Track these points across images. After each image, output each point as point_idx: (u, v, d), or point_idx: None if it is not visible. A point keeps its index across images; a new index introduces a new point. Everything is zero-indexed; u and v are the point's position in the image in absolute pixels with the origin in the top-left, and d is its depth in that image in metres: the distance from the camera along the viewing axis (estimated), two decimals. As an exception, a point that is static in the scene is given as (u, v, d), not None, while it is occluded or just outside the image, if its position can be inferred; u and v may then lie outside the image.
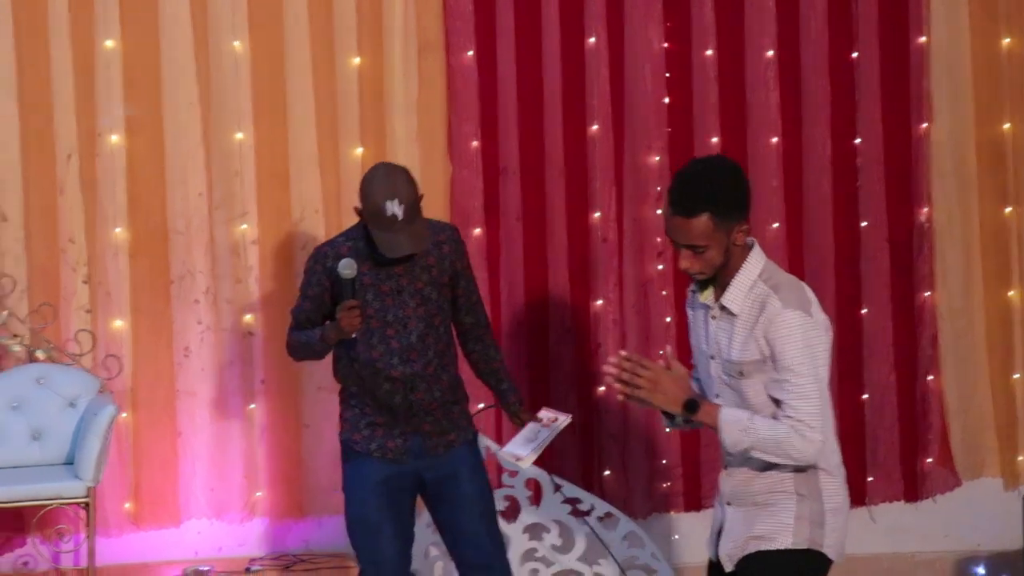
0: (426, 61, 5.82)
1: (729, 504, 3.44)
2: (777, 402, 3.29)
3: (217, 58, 5.70)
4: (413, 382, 4.33)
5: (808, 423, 3.22)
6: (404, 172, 4.31)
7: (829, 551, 3.39)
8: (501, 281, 5.86)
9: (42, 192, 5.64)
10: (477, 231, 5.79)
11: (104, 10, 5.61)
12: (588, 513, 5.19)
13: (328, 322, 4.29)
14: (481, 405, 4.90)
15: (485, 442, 4.91)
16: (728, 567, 3.44)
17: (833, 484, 3.41)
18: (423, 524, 5.03)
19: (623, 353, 3.33)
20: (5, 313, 5.50)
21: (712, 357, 3.42)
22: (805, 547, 3.35)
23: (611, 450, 5.79)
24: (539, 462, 5.20)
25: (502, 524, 5.00)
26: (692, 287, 3.49)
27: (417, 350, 4.32)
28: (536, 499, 5.20)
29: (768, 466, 3.34)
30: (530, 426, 4.48)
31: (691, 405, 3.30)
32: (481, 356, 4.57)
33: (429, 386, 4.36)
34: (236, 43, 5.71)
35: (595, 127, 5.87)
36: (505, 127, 5.84)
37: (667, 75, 5.93)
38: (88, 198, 5.66)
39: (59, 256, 5.65)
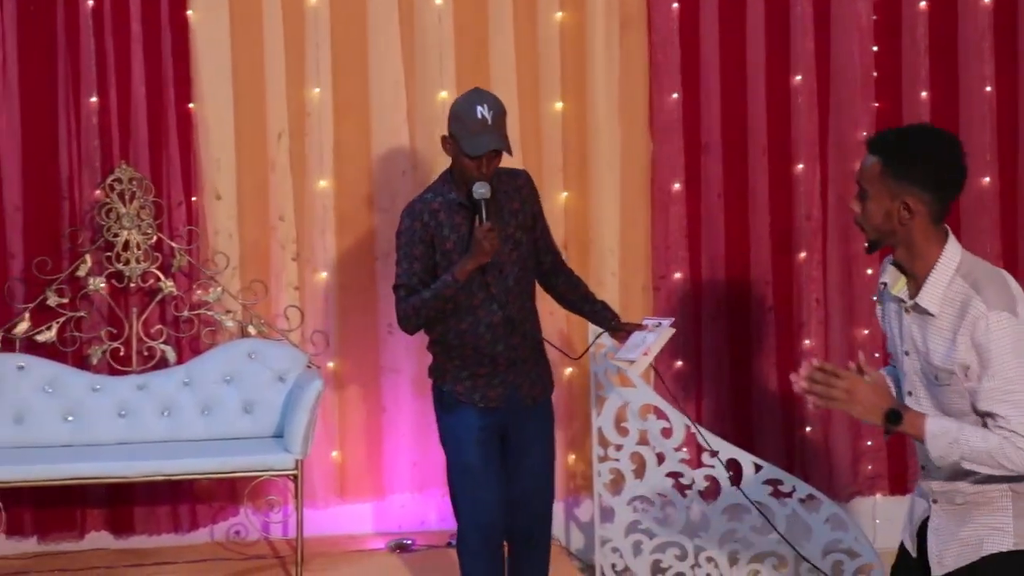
0: (628, 36, 5.81)
1: (935, 502, 3.28)
2: (986, 412, 3.11)
3: (422, 38, 5.77)
4: (512, 326, 4.38)
5: (1021, 432, 3.04)
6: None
7: None
8: (702, 258, 5.84)
9: (254, 171, 5.74)
10: (678, 208, 5.80)
11: None
12: (790, 495, 5.11)
13: (458, 262, 4.28)
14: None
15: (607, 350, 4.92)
16: (937, 570, 3.28)
17: None
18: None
19: (815, 363, 3.14)
20: (219, 289, 5.64)
21: (907, 353, 3.26)
22: None
23: (814, 431, 5.72)
24: (738, 443, 5.29)
25: (701, 505, 5.11)
26: (882, 279, 3.31)
27: (514, 293, 4.36)
28: (736, 480, 5.10)
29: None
30: (635, 334, 4.49)
31: (893, 416, 3.12)
32: (568, 285, 4.59)
33: (524, 331, 4.41)
34: (440, 23, 5.79)
35: (800, 102, 5.82)
36: (707, 103, 5.81)
37: (875, 48, 5.85)
38: (297, 177, 5.77)
39: (270, 234, 5.76)
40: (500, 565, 4.55)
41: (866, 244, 3.20)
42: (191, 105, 5.65)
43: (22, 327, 5.52)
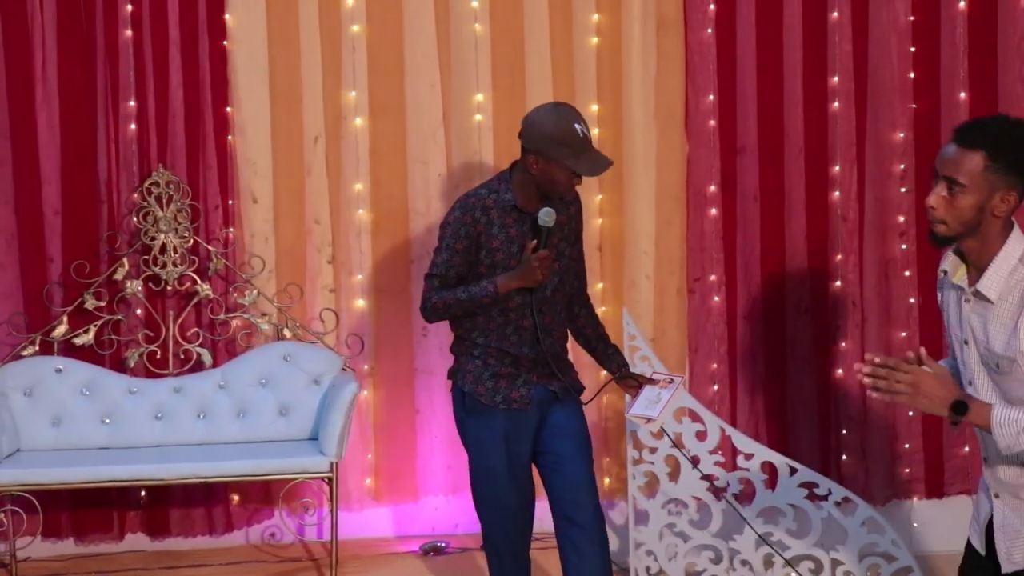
0: (664, 38, 5.80)
1: (997, 496, 3.24)
2: None
3: (458, 40, 5.78)
4: (542, 333, 4.36)
5: None
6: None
7: None
8: (737, 261, 5.82)
9: (290, 175, 5.77)
10: (713, 210, 5.78)
11: None
12: (825, 498, 5.09)
13: (503, 274, 4.25)
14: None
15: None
16: (1007, 568, 3.24)
17: None
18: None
19: (877, 360, 3.10)
20: (255, 292, 5.67)
21: (966, 342, 3.22)
22: None
23: (850, 434, 5.71)
24: (774, 445, 5.32)
25: (739, 508, 5.07)
26: (943, 267, 3.29)
27: (550, 303, 4.35)
28: (771, 483, 5.13)
29: None
30: (648, 389, 4.43)
31: (959, 407, 3.09)
32: (588, 320, 4.55)
33: (554, 339, 4.39)
34: (476, 25, 5.81)
35: (836, 104, 5.79)
36: (743, 105, 5.79)
37: (912, 49, 5.81)
38: (333, 180, 5.79)
39: (305, 237, 5.78)
40: (526, 569, 4.53)
41: (936, 238, 3.17)
42: (228, 109, 5.69)
43: (60, 330, 5.55)
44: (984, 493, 3.28)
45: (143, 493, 5.62)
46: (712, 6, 5.77)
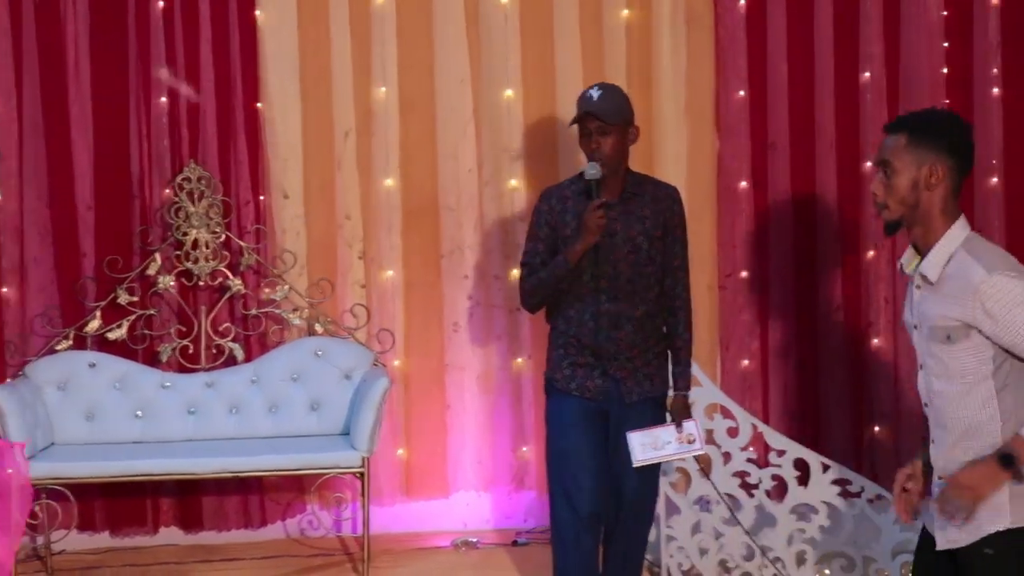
0: (694, 33, 5.82)
1: (940, 479, 3.32)
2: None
3: (488, 35, 5.82)
4: (617, 321, 4.37)
5: None
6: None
7: None
8: (769, 256, 5.82)
9: (321, 169, 5.80)
10: (744, 206, 5.81)
11: None
12: (858, 495, 5.07)
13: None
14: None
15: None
16: (941, 544, 3.33)
17: None
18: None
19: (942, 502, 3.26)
20: (286, 287, 5.70)
21: (916, 327, 3.35)
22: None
23: (882, 430, 5.72)
24: (806, 442, 5.28)
25: (770, 504, 5.09)
26: (900, 261, 3.43)
27: (626, 291, 4.36)
28: (803, 480, 5.10)
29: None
30: (666, 431, 4.44)
31: (1006, 460, 3.17)
32: (669, 326, 4.53)
33: (633, 329, 4.40)
34: (506, 22, 5.82)
35: (868, 98, 5.80)
36: (774, 100, 5.81)
37: (945, 44, 5.81)
38: (364, 175, 5.82)
39: (336, 232, 5.82)
40: (592, 559, 4.51)
41: (886, 225, 3.36)
42: (259, 105, 5.73)
43: (93, 325, 5.60)
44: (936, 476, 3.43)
45: (176, 487, 5.64)
46: (742, 1, 5.76)
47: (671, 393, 4.58)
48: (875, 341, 5.66)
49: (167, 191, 5.70)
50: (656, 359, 4.50)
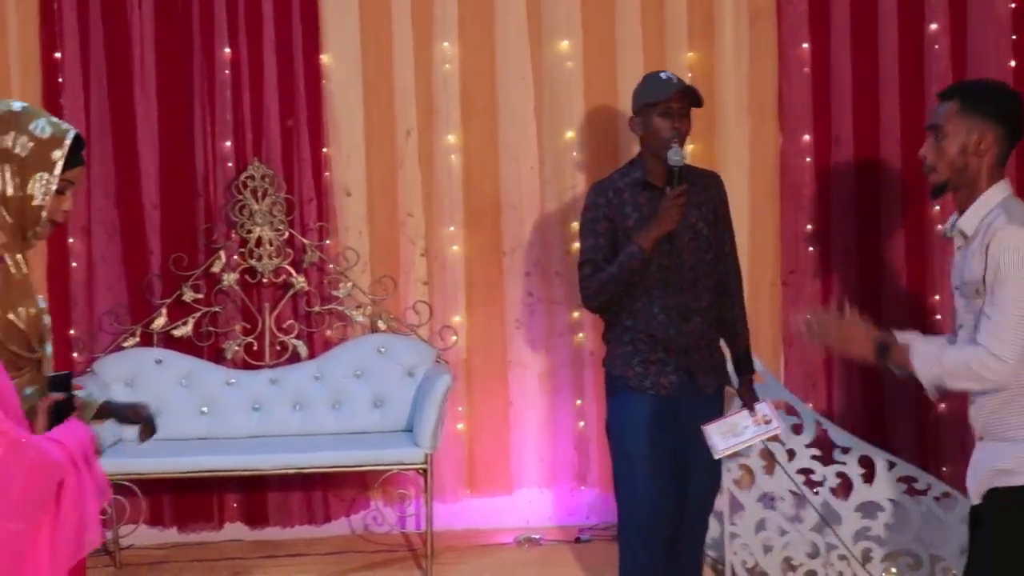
0: (759, 52, 5.82)
1: (981, 439, 3.39)
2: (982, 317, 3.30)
3: (549, 36, 5.81)
4: (686, 313, 4.35)
5: (1001, 338, 3.19)
6: None
7: None
8: (832, 252, 5.81)
9: (383, 168, 5.82)
10: (808, 201, 5.80)
11: (443, 10, 5.77)
12: (924, 493, 5.05)
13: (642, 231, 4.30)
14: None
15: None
16: (974, 500, 3.40)
17: None
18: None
19: (810, 316, 3.52)
20: (349, 285, 5.75)
21: (956, 288, 3.42)
22: None
23: (949, 428, 5.66)
24: (871, 438, 5.26)
25: (834, 502, 5.06)
26: (943, 228, 3.53)
27: (689, 280, 4.35)
28: (869, 477, 5.07)
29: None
30: (742, 415, 4.46)
31: (882, 348, 3.39)
32: (727, 312, 4.54)
33: (700, 320, 4.39)
34: (564, 42, 5.82)
35: (933, 92, 5.62)
36: (837, 96, 5.81)
37: (1013, 37, 5.75)
38: (425, 173, 5.85)
39: (398, 230, 5.85)
40: (660, 561, 4.48)
41: (933, 189, 3.44)
42: (321, 104, 5.76)
43: (160, 322, 5.67)
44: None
45: (241, 483, 5.70)
46: (806, 18, 5.80)
47: (733, 378, 4.59)
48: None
49: (231, 189, 5.73)
50: (718, 348, 4.51)
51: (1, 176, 3.00)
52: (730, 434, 4.38)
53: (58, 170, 3.02)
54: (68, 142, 3.05)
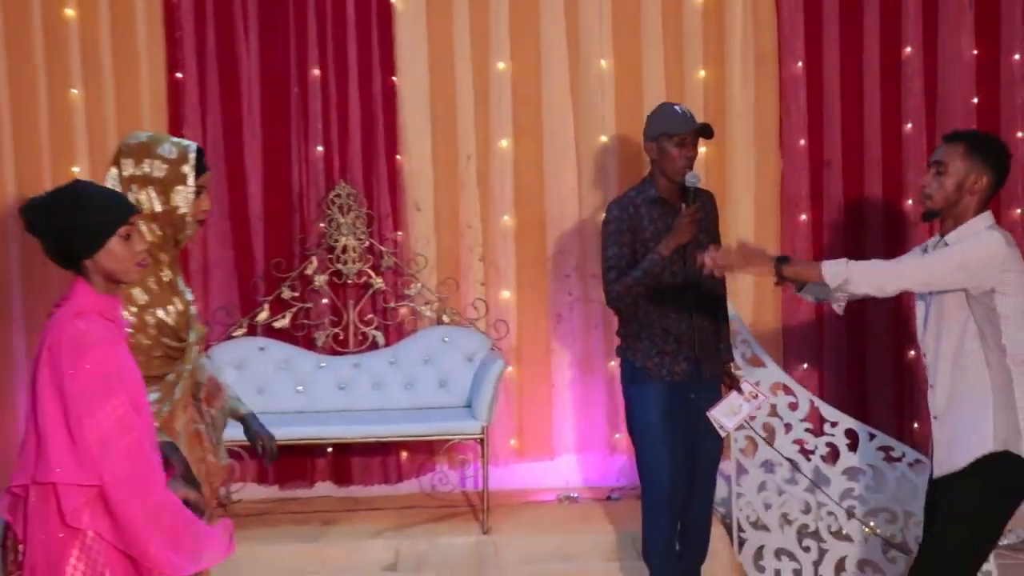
0: (762, 70, 6.04)
1: (936, 418, 3.62)
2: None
3: (586, 75, 6.04)
4: (694, 310, 4.48)
5: (920, 268, 3.44)
6: None
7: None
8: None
9: (447, 187, 6.02)
10: (803, 216, 6.02)
11: (497, 37, 6.03)
12: (900, 459, 5.14)
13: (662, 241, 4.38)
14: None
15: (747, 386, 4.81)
16: (936, 472, 3.65)
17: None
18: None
19: (711, 249, 3.67)
20: (419, 285, 5.94)
21: (921, 298, 3.60)
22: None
23: (920, 404, 5.70)
24: (855, 415, 5.40)
25: (825, 467, 5.18)
26: (923, 246, 3.66)
27: (695, 283, 4.46)
28: (853, 446, 5.16)
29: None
30: (733, 396, 4.55)
31: (780, 260, 3.56)
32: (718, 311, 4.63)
33: (705, 315, 4.51)
34: (602, 62, 6.03)
35: (909, 126, 6.02)
36: (829, 125, 6.01)
37: (975, 80, 6.00)
38: (483, 192, 6.04)
39: (460, 239, 6.02)
40: (676, 519, 4.62)
41: (925, 213, 3.62)
42: (397, 133, 5.99)
43: (262, 316, 5.88)
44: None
45: (330, 449, 5.90)
46: (802, 43, 6.00)
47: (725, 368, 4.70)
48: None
49: (321, 205, 5.90)
50: (718, 339, 4.65)
51: (148, 197, 3.19)
52: (731, 413, 4.55)
53: (191, 181, 3.19)
54: (192, 156, 3.22)
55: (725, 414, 4.54)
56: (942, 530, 3.60)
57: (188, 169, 3.17)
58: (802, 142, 6.04)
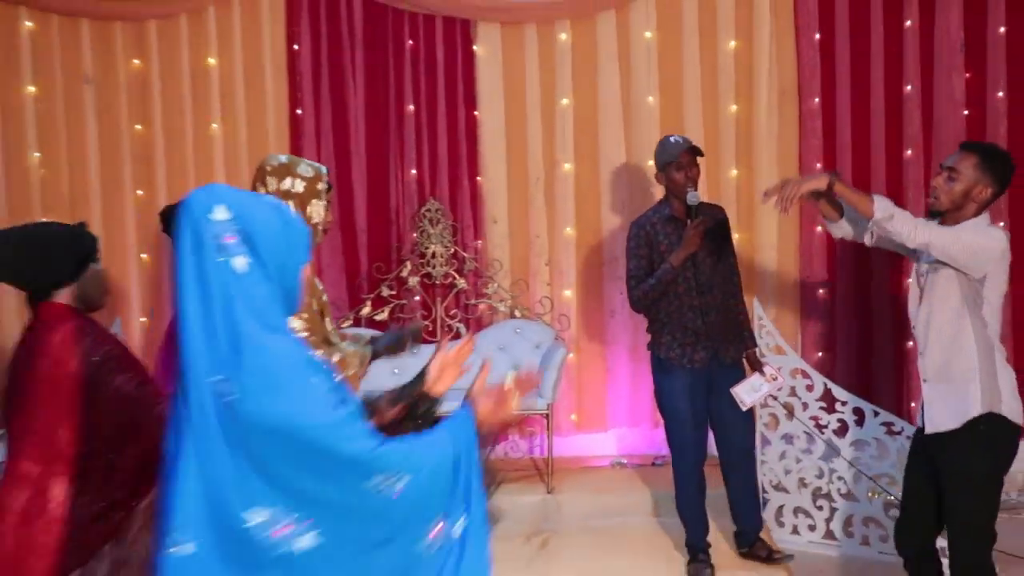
0: (784, 104, 6.50)
1: (926, 381, 3.71)
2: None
3: (637, 109, 6.53)
4: (708, 308, 4.76)
5: (942, 235, 3.47)
6: None
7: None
8: (837, 263, 6.41)
9: (519, 203, 6.53)
10: (819, 229, 6.42)
11: (561, 78, 6.54)
12: (900, 433, 5.29)
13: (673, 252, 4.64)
14: None
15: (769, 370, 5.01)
16: (929, 429, 3.74)
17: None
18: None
19: (768, 190, 3.67)
20: (495, 285, 6.45)
21: (920, 288, 3.66)
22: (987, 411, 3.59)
23: (918, 386, 5.74)
24: (861, 394, 5.67)
25: (836, 440, 5.39)
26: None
27: (707, 286, 4.74)
28: (860, 422, 5.35)
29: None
30: (756, 376, 4.80)
31: (834, 175, 3.60)
32: (732, 306, 4.90)
33: (717, 312, 4.77)
34: (650, 98, 6.55)
35: (909, 151, 6.44)
36: (841, 150, 6.48)
37: (966, 112, 6.42)
38: (549, 207, 6.55)
39: (529, 247, 6.52)
40: (702, 488, 4.91)
41: (931, 210, 3.67)
42: (478, 159, 6.51)
43: (365, 310, 6.37)
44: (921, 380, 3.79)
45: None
46: (818, 81, 6.44)
47: (748, 352, 4.98)
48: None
49: (415, 218, 6.38)
50: (734, 328, 4.90)
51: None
52: (752, 391, 4.85)
53: (325, 197, 3.27)
54: (325, 175, 3.32)
55: (746, 391, 4.81)
56: (953, 495, 3.67)
57: (323, 186, 3.26)
58: (818, 165, 6.43)
